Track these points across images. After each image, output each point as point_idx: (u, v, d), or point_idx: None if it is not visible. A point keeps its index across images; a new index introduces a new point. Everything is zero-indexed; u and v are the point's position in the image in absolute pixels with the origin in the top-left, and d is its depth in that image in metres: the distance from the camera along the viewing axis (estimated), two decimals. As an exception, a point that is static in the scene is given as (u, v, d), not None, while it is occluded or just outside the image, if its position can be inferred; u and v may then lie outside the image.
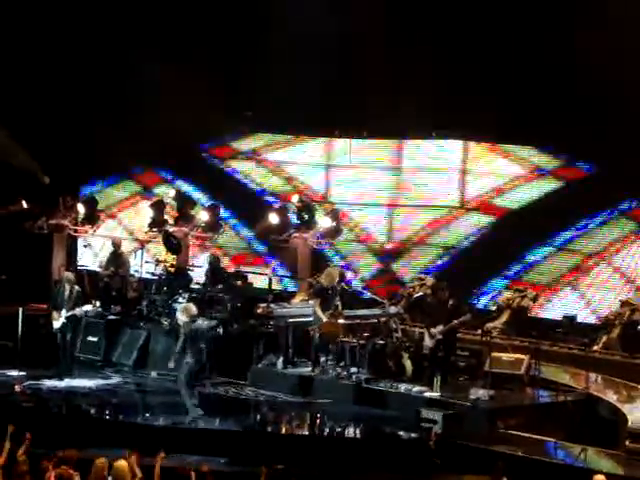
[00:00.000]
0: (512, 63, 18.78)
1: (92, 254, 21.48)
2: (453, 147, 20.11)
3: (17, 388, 15.80)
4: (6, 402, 15.42)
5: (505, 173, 19.81)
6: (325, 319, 16.68)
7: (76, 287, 17.31)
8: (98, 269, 20.04)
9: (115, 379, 17.40)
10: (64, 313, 17.00)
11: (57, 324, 17.00)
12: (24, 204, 20.33)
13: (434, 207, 20.10)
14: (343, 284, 17.35)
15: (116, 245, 19.91)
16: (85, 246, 21.53)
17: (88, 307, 17.29)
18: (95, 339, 18.44)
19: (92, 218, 21.00)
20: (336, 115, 20.19)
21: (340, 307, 16.85)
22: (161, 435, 14.68)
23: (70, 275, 17.63)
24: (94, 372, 17.75)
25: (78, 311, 17.03)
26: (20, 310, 15.89)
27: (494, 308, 18.62)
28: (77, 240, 21.70)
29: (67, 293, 17.16)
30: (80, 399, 16.12)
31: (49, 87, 20.66)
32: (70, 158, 21.22)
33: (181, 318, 15.60)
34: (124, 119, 20.56)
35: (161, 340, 17.99)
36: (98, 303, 18.77)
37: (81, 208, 20.87)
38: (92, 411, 15.75)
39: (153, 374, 17.78)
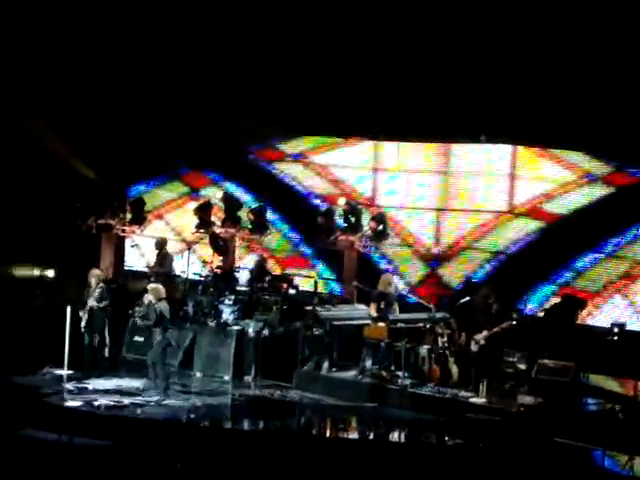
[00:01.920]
0: (563, 67, 18.63)
1: (139, 254, 21.54)
2: (502, 151, 19.97)
3: (65, 386, 15.86)
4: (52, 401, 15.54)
5: (554, 178, 19.66)
6: (373, 323, 16.73)
7: (101, 284, 17.33)
8: (144, 269, 20.11)
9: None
10: (87, 309, 17.04)
11: (83, 322, 17.04)
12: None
13: (482, 212, 19.97)
14: (391, 289, 17.36)
15: (161, 245, 19.98)
16: (132, 246, 21.61)
17: (103, 303, 17.14)
18: (141, 339, 18.51)
19: (140, 219, 21.10)
20: (384, 118, 20.14)
21: (397, 312, 16.92)
22: (204, 435, 14.72)
23: (97, 272, 17.59)
24: (140, 372, 17.82)
25: (91, 301, 17.03)
26: (68, 309, 15.97)
27: (542, 314, 18.46)
28: (125, 240, 21.82)
29: (92, 291, 17.21)
30: (126, 399, 16.16)
31: (99, 88, 20.78)
32: (119, 159, 21.35)
33: (149, 297, 16.11)
34: (173, 120, 20.64)
35: (207, 341, 18.03)
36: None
37: (129, 209, 21.00)
38: (138, 411, 15.78)
39: (198, 375, 17.83)
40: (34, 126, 20.38)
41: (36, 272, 20.44)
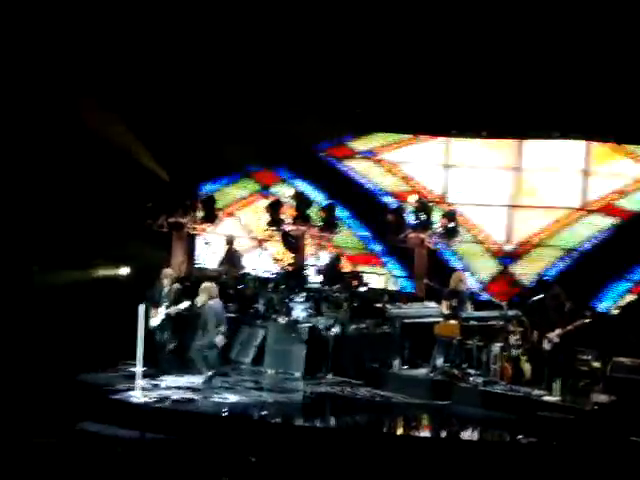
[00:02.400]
0: (635, 61, 18.37)
1: (211, 252, 21.66)
2: (575, 148, 19.73)
3: (139, 383, 15.98)
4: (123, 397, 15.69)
5: (629, 174, 19.38)
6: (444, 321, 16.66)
7: (176, 284, 17.39)
8: (214, 267, 20.20)
9: (233, 377, 17.52)
10: (162, 310, 17.12)
11: (155, 321, 17.07)
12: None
13: (555, 208, 19.75)
14: (463, 286, 17.26)
15: (229, 243, 20.03)
16: (205, 244, 21.74)
17: (183, 305, 17.14)
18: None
19: (211, 216, 21.22)
20: (456, 115, 20.03)
21: (470, 310, 16.83)
22: (276, 432, 14.75)
23: (170, 271, 17.62)
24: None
25: (173, 309, 17.08)
26: (141, 307, 16.08)
27: (616, 312, 18.22)
28: (196, 239, 21.96)
29: (166, 290, 17.27)
30: (197, 395, 16.25)
31: (170, 87, 20.93)
32: (190, 157, 21.49)
33: (202, 297, 16.20)
34: (245, 118, 20.72)
35: (278, 338, 18.06)
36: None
37: (200, 207, 21.14)
38: (209, 409, 15.84)
39: (269, 372, 17.88)
40: (108, 125, 20.59)
41: (110, 271, 20.64)
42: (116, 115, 20.75)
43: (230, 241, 20.07)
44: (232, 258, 19.87)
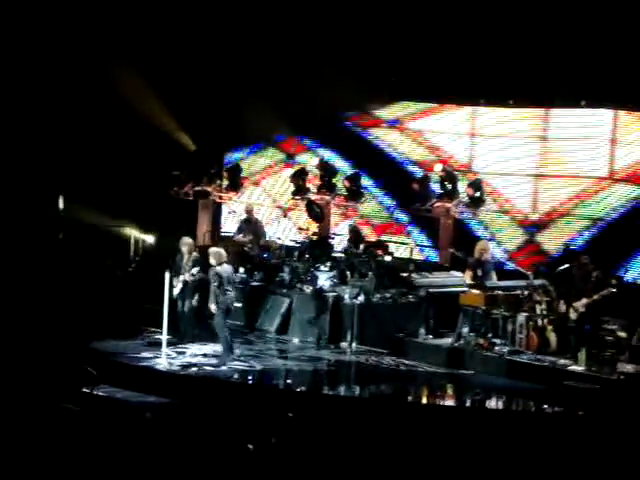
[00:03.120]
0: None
1: (235, 221, 21.67)
2: (602, 116, 19.55)
3: (164, 351, 16.05)
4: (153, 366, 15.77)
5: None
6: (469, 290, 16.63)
7: (194, 253, 17.37)
8: (233, 236, 20.18)
9: (258, 345, 17.56)
10: (182, 279, 17.14)
11: (176, 290, 17.07)
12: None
13: (581, 178, 19.62)
14: (487, 256, 17.20)
15: (248, 211, 20.02)
16: (230, 213, 21.75)
17: (194, 270, 17.09)
18: (238, 305, 18.64)
19: (236, 185, 21.22)
20: (482, 83, 19.88)
21: (495, 279, 16.77)
22: (300, 400, 14.79)
23: (188, 240, 17.55)
24: (237, 338, 17.97)
25: (187, 277, 17.08)
26: (167, 275, 16.13)
27: (642, 282, 18.12)
28: (221, 207, 21.97)
29: (185, 259, 17.28)
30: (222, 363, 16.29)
31: (195, 55, 20.89)
32: (215, 126, 21.47)
33: (211, 261, 16.06)
34: (269, 87, 20.66)
35: (303, 307, 18.08)
36: (242, 270, 18.94)
37: (226, 175, 21.13)
38: (235, 376, 15.91)
39: (295, 341, 17.91)
40: (137, 94, 20.61)
41: (137, 236, 20.71)
42: (144, 84, 20.75)
43: (249, 210, 20.05)
44: (253, 227, 19.84)
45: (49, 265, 19.16)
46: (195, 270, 17.09)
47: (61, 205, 20.67)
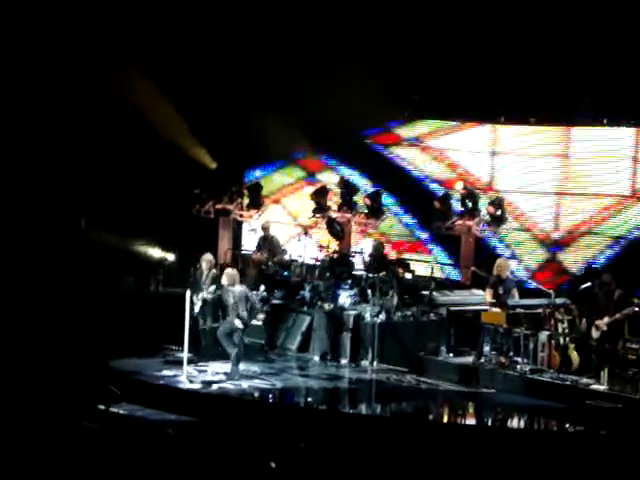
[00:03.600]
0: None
1: (256, 239, 21.68)
2: (624, 134, 19.50)
3: (185, 369, 16.04)
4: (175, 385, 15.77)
5: (680, 161, 19.13)
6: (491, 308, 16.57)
7: (214, 270, 17.36)
8: (251, 254, 20.19)
9: (278, 363, 17.54)
10: (202, 296, 17.15)
11: (196, 308, 17.08)
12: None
13: (603, 196, 19.55)
14: (507, 273, 17.14)
15: (265, 229, 20.01)
16: (251, 231, 21.77)
17: (211, 288, 17.14)
18: (259, 323, 18.65)
19: (257, 203, 21.25)
20: (503, 101, 19.88)
21: (517, 297, 16.72)
22: (322, 419, 14.74)
23: (209, 257, 17.55)
24: (258, 356, 17.96)
25: (205, 294, 17.10)
26: (188, 292, 16.14)
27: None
28: (242, 225, 21.99)
29: (204, 276, 17.28)
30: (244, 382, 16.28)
31: (217, 74, 20.96)
32: (237, 144, 21.52)
33: (223, 282, 16.28)
34: (291, 105, 20.71)
35: (324, 325, 18.05)
36: (262, 287, 18.95)
37: (246, 193, 21.16)
38: (256, 395, 15.89)
39: (315, 359, 17.88)
40: (159, 113, 20.71)
41: (158, 255, 20.76)
42: (166, 102, 20.85)
43: (265, 227, 20.04)
44: (270, 244, 19.83)
45: (71, 284, 19.21)
46: (212, 288, 17.13)
47: (83, 225, 20.76)
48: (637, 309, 15.78)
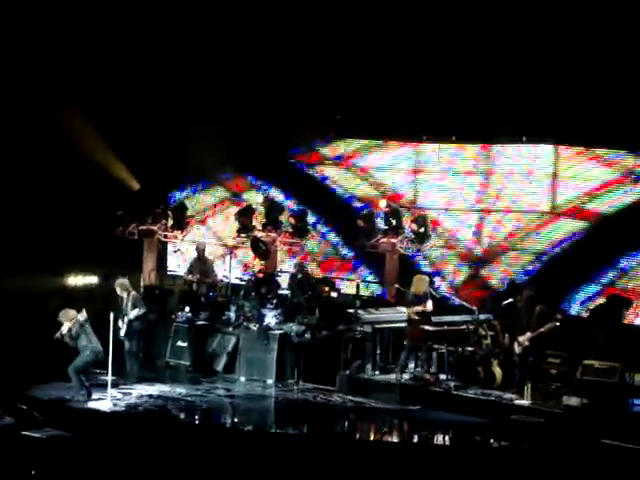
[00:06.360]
0: (603, 66, 18.46)
1: (181, 260, 21.61)
2: (543, 151, 19.81)
3: (110, 392, 15.90)
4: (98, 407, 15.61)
5: (597, 177, 19.46)
6: (412, 325, 16.67)
7: (133, 292, 17.33)
8: (183, 274, 20.14)
9: (204, 384, 17.48)
10: (126, 320, 17.07)
11: (122, 332, 17.02)
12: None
13: (524, 212, 19.83)
14: (431, 290, 17.25)
15: (200, 250, 19.98)
16: (175, 251, 21.68)
17: (135, 312, 17.10)
18: (184, 344, 18.58)
19: (181, 224, 21.17)
20: (425, 120, 20.08)
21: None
22: (248, 439, 14.72)
23: (123, 281, 17.47)
24: (184, 377, 17.88)
25: (130, 317, 17.06)
26: (111, 315, 16.02)
27: (586, 315, 18.28)
28: (167, 246, 21.89)
29: (124, 299, 17.24)
30: (170, 404, 16.20)
31: (139, 94, 20.89)
32: (160, 164, 21.44)
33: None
34: (212, 125, 20.70)
35: (249, 345, 18.04)
36: (187, 309, 18.89)
37: (171, 214, 21.08)
38: (181, 416, 15.81)
39: (241, 379, 17.85)
40: (81, 133, 20.57)
41: (81, 279, 20.56)
42: (88, 122, 20.71)
43: (201, 249, 20.00)
44: (203, 266, 19.79)
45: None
46: (135, 312, 17.05)
47: (3, 246, 20.50)
48: (558, 324, 16.00)
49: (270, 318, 18.23)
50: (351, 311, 17.99)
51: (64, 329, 15.75)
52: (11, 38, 19.79)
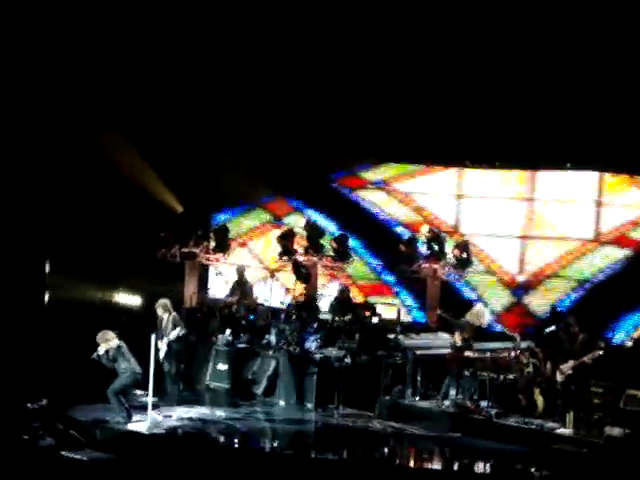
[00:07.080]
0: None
1: (223, 282, 21.65)
2: (588, 179, 19.70)
3: (151, 414, 15.92)
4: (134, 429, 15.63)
5: (642, 205, 19.34)
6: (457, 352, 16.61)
7: (173, 313, 17.41)
8: (224, 297, 20.18)
9: (244, 408, 17.46)
10: (166, 341, 17.15)
11: (162, 353, 17.12)
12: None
13: (568, 239, 19.70)
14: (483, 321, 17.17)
15: (240, 273, 20.00)
16: (217, 274, 21.74)
17: (175, 332, 17.25)
18: (225, 367, 18.58)
19: (223, 247, 21.22)
20: (469, 145, 20.05)
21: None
22: (287, 464, 14.67)
23: (164, 301, 17.59)
24: (223, 400, 17.87)
25: (170, 338, 17.14)
26: (153, 337, 16.06)
27: (630, 344, 18.10)
28: (209, 268, 21.95)
29: (165, 321, 17.29)
30: (209, 427, 16.19)
31: (183, 118, 21.01)
32: (203, 187, 21.54)
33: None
34: (255, 148, 20.79)
35: (290, 369, 18.01)
36: (228, 331, 18.91)
37: (213, 237, 21.15)
38: (221, 439, 15.80)
39: (281, 403, 17.82)
40: (123, 156, 20.72)
41: (123, 300, 20.67)
42: (131, 145, 20.86)
43: (241, 271, 20.05)
44: (243, 288, 19.84)
45: (33, 330, 19.05)
46: (175, 332, 17.11)
47: (47, 269, 20.66)
48: (601, 352, 15.84)
49: (310, 342, 18.19)
50: (392, 336, 17.93)
51: (101, 350, 15.81)
52: (55, 60, 19.98)
